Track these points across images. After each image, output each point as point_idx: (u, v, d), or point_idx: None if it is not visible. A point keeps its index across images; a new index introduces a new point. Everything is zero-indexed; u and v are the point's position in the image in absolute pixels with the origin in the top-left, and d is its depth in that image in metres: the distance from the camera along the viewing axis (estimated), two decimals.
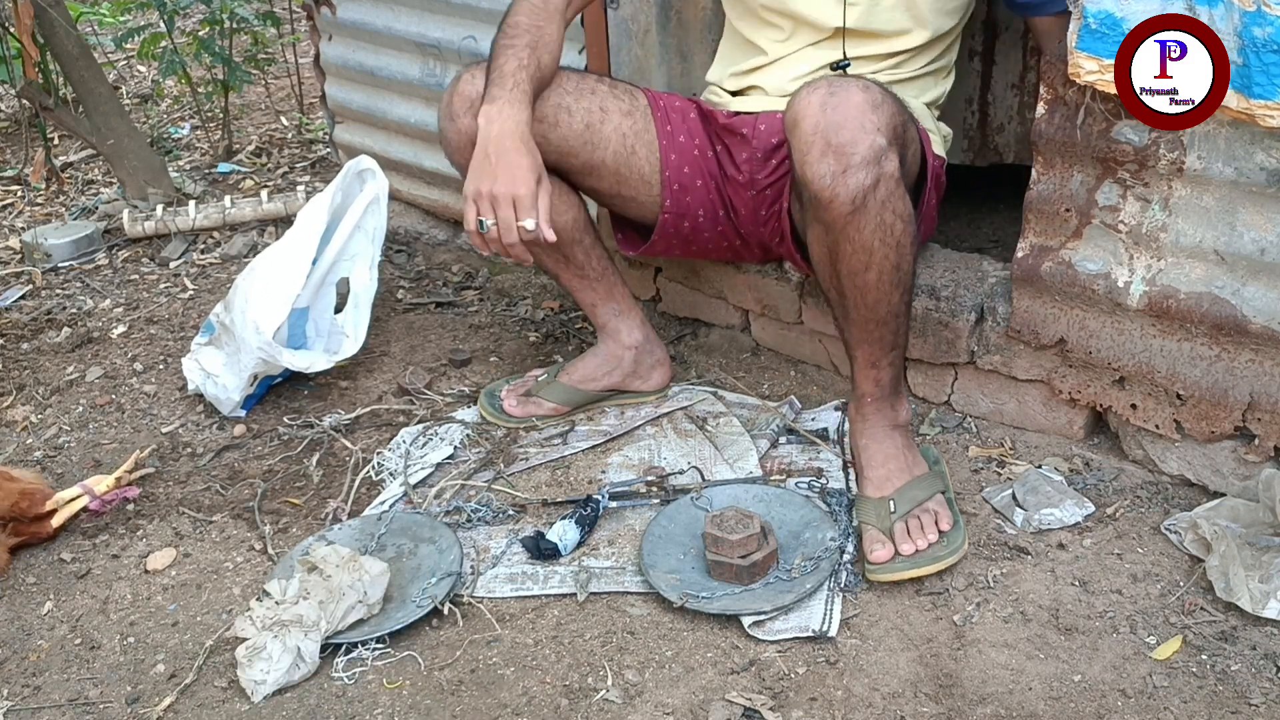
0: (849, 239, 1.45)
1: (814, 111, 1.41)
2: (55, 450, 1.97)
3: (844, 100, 1.41)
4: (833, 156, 1.40)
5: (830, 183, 1.41)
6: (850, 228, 1.44)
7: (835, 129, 1.40)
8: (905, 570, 1.48)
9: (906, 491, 1.55)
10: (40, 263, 2.68)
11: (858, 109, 1.41)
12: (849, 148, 1.40)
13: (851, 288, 1.50)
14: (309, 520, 1.73)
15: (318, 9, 2.57)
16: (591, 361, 1.92)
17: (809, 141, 1.42)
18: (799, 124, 1.43)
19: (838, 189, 1.41)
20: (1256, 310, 1.47)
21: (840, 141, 1.40)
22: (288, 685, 1.40)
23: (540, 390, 1.92)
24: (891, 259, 1.47)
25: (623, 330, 1.90)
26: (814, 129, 1.41)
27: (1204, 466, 1.60)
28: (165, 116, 3.73)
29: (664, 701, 1.34)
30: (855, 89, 1.42)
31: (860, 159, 1.40)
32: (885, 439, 1.59)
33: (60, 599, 1.61)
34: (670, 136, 1.75)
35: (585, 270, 1.86)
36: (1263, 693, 1.30)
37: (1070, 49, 1.43)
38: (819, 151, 1.41)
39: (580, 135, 1.71)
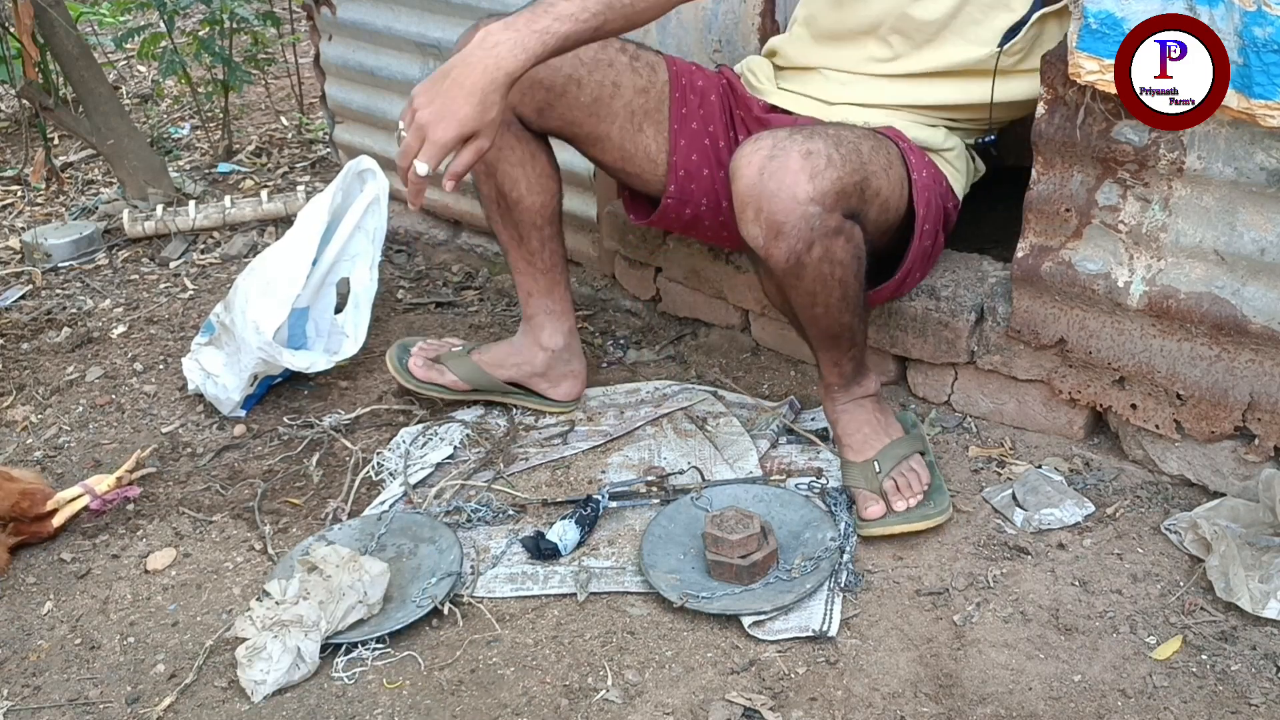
0: (791, 286, 1.50)
1: (750, 174, 1.42)
2: (55, 450, 1.97)
3: (780, 167, 1.41)
4: (764, 223, 1.42)
5: (763, 244, 1.44)
6: (790, 278, 1.49)
7: (769, 197, 1.41)
8: (897, 525, 1.56)
9: (889, 451, 1.63)
10: (40, 263, 2.68)
11: (792, 178, 1.40)
12: (779, 217, 1.41)
13: (803, 316, 1.57)
14: (309, 520, 1.73)
15: (318, 9, 2.57)
16: (505, 349, 1.91)
17: (743, 203, 1.44)
18: (735, 181, 1.44)
19: (771, 252, 1.45)
20: (1256, 310, 1.47)
21: (771, 210, 1.41)
22: (288, 685, 1.40)
23: (448, 360, 1.92)
24: (836, 294, 1.52)
25: (546, 329, 1.87)
26: (748, 191, 1.42)
27: (1204, 466, 1.60)
28: (165, 116, 3.73)
29: (664, 701, 1.34)
30: (795, 155, 1.41)
31: (792, 228, 1.42)
32: (857, 409, 1.66)
33: (60, 599, 1.61)
34: (683, 120, 1.71)
35: (535, 258, 1.83)
36: (1263, 693, 1.30)
37: (1070, 49, 1.43)
38: (751, 215, 1.43)
39: (586, 108, 1.68)
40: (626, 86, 1.69)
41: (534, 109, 1.68)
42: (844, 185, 1.44)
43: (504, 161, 1.72)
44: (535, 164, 1.74)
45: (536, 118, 1.69)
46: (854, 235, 1.49)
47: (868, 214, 1.53)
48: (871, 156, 1.52)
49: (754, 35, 1.88)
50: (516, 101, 1.65)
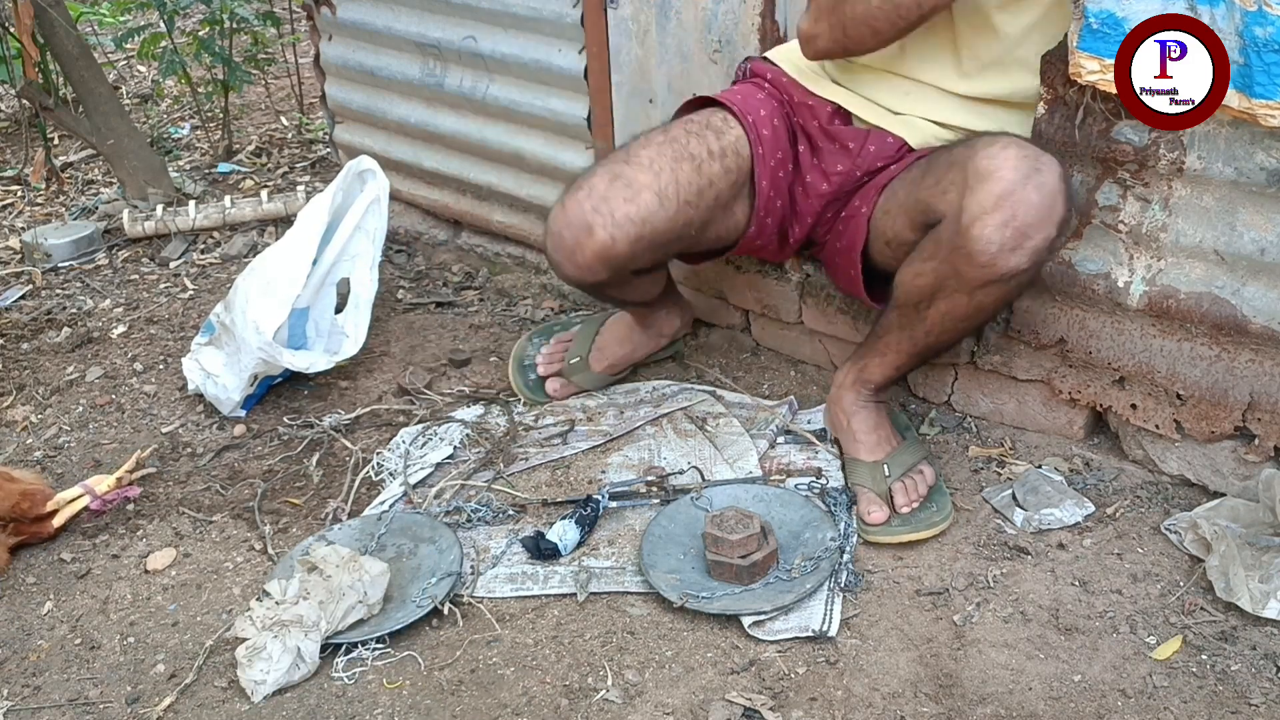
0: (971, 295, 1.47)
1: (1014, 178, 1.38)
2: (55, 450, 1.97)
3: (1046, 181, 1.38)
4: (1012, 232, 1.39)
5: (995, 252, 1.40)
6: (982, 291, 1.46)
7: (1028, 207, 1.38)
8: (905, 533, 1.56)
9: (898, 456, 1.64)
10: (40, 263, 2.68)
11: (1053, 195, 1.39)
12: (1031, 231, 1.39)
13: (938, 324, 1.54)
14: (309, 520, 1.73)
15: (318, 9, 2.57)
16: (628, 347, 1.96)
17: (995, 203, 1.38)
18: (991, 179, 1.39)
19: (999, 261, 1.41)
20: (1256, 310, 1.47)
21: (1027, 222, 1.38)
22: (288, 685, 1.40)
23: (575, 374, 1.95)
24: (985, 319, 1.54)
25: (665, 324, 1.95)
26: (1006, 194, 1.38)
27: (1204, 466, 1.60)
28: (165, 116, 3.73)
29: (664, 701, 1.34)
30: (1056, 173, 1.40)
31: (1033, 245, 1.40)
32: (875, 410, 1.68)
33: (60, 599, 1.61)
34: (763, 163, 1.66)
35: (652, 304, 1.91)
36: (1263, 693, 1.30)
37: (1071, 49, 1.43)
38: (1001, 220, 1.38)
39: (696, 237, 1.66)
40: (725, 192, 1.65)
41: (653, 264, 1.71)
42: (1070, 218, 1.46)
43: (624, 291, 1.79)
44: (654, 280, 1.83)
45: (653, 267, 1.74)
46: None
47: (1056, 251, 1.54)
48: None
49: (754, 35, 1.88)
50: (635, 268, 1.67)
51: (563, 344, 2.01)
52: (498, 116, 2.32)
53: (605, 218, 1.56)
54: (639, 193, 1.56)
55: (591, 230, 1.57)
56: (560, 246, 1.61)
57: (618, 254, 1.58)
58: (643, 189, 1.56)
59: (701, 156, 1.61)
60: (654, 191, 1.57)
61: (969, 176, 1.41)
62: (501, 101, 2.28)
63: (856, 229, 1.65)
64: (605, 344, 1.96)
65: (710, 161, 1.62)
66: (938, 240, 1.47)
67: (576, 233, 1.58)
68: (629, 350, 1.96)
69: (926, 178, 1.51)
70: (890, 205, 1.61)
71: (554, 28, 2.13)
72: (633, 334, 1.95)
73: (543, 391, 1.95)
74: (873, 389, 1.67)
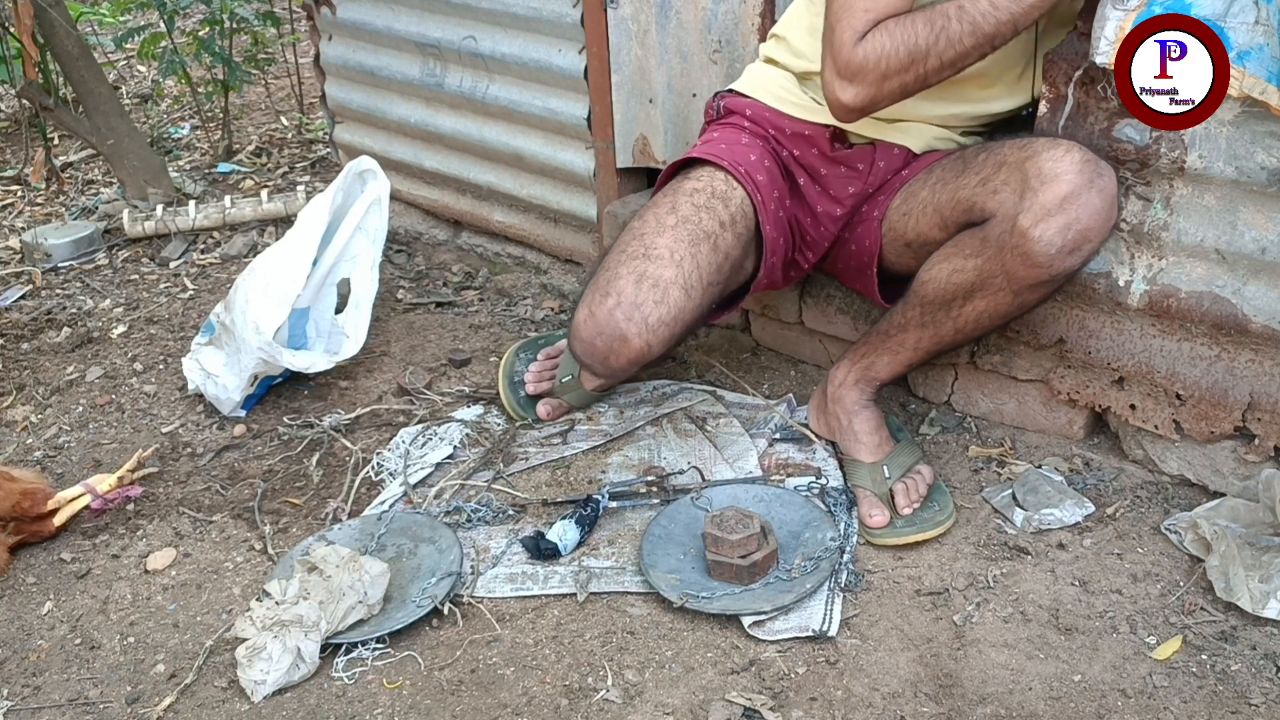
0: (1016, 294, 1.48)
1: (1080, 183, 1.39)
2: (55, 450, 1.97)
3: (1107, 187, 1.41)
4: (1075, 235, 1.40)
5: (1055, 254, 1.41)
6: (1029, 290, 1.48)
7: (1092, 212, 1.40)
8: (909, 534, 1.56)
9: (896, 456, 1.64)
10: (40, 263, 2.68)
11: (1113, 200, 1.42)
12: (1091, 235, 1.41)
13: (970, 322, 1.55)
14: (309, 520, 1.73)
15: (318, 9, 2.57)
16: None
17: (1058, 205, 1.39)
18: (1056, 181, 1.39)
19: (1056, 263, 1.42)
20: (1257, 310, 1.47)
21: (1088, 226, 1.40)
22: (288, 685, 1.40)
23: (564, 394, 1.91)
24: (1023, 313, 1.54)
25: None
26: (1071, 198, 1.39)
27: (1204, 466, 1.60)
28: (165, 116, 3.73)
29: (664, 701, 1.34)
30: (1114, 179, 1.43)
31: (1090, 249, 1.43)
32: (874, 411, 1.68)
33: (60, 599, 1.61)
34: (765, 210, 1.64)
35: None
36: (1263, 693, 1.30)
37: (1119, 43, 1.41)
38: (1064, 222, 1.40)
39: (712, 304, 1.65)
40: (738, 257, 1.64)
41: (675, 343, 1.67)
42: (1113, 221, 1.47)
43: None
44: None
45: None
46: None
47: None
48: None
49: (754, 35, 1.88)
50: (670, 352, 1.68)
51: (551, 359, 1.97)
52: (498, 116, 2.32)
53: (639, 325, 1.54)
54: (667, 292, 1.54)
55: (627, 340, 1.55)
56: (593, 354, 1.59)
57: (653, 356, 1.58)
58: (670, 286, 1.54)
59: (715, 231, 1.60)
60: (681, 287, 1.55)
61: (1030, 178, 1.41)
62: (501, 101, 2.28)
63: (871, 236, 1.66)
64: None
65: (723, 234, 1.60)
66: (984, 239, 1.47)
67: (610, 342, 1.56)
68: None
69: (965, 177, 1.51)
70: (911, 207, 1.60)
71: (554, 28, 2.13)
72: None
73: (534, 410, 1.91)
74: (877, 387, 1.67)
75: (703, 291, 1.58)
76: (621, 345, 1.55)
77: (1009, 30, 1.40)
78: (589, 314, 1.57)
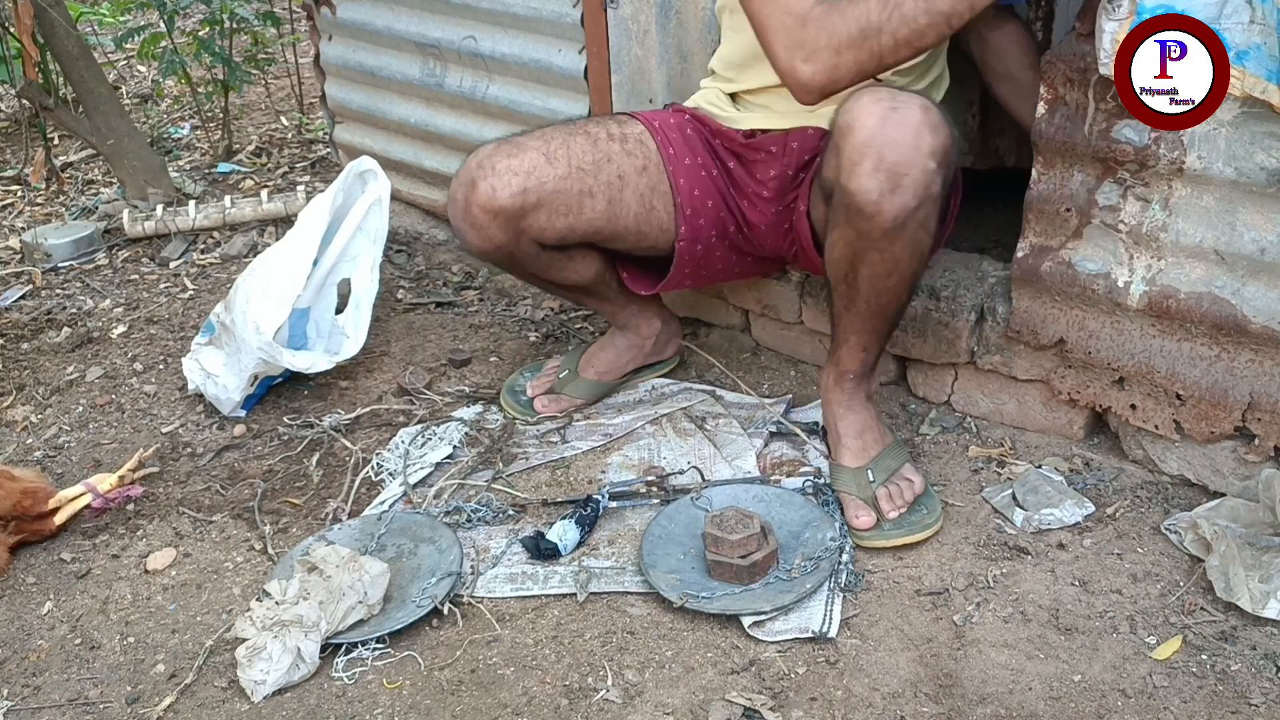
0: (880, 250, 1.46)
1: (872, 124, 1.39)
2: (55, 450, 1.97)
3: (905, 118, 1.38)
4: (885, 174, 1.39)
5: (876, 198, 1.40)
6: (885, 241, 1.45)
7: (893, 146, 1.38)
8: (897, 537, 1.55)
9: (881, 460, 1.62)
10: (40, 263, 2.68)
11: (915, 130, 1.38)
12: (902, 167, 1.39)
13: (869, 289, 1.52)
14: (309, 520, 1.73)
15: (318, 9, 2.57)
16: (611, 353, 1.95)
17: (861, 152, 1.39)
18: (853, 131, 1.40)
19: (883, 206, 1.40)
20: (1256, 310, 1.47)
21: (895, 160, 1.38)
22: (288, 685, 1.40)
23: (564, 387, 1.94)
24: (914, 268, 1.50)
25: (643, 324, 1.94)
26: (869, 141, 1.39)
27: (1204, 466, 1.60)
28: (165, 116, 3.73)
29: (664, 701, 1.34)
30: (917, 108, 1.39)
31: (911, 180, 1.39)
32: (862, 410, 1.66)
33: (60, 599, 1.61)
34: (676, 161, 1.71)
35: (606, 295, 1.89)
36: (1263, 693, 1.30)
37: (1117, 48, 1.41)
38: (870, 165, 1.39)
39: (603, 213, 1.68)
40: (629, 173, 1.69)
41: (557, 238, 1.69)
42: (947, 145, 1.43)
43: (547, 270, 1.78)
44: (573, 258, 1.78)
45: (560, 243, 1.72)
46: (941, 207, 1.48)
47: (947, 180, 1.50)
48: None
49: None
50: (538, 236, 1.67)
51: (553, 368, 2.00)
52: (498, 116, 2.32)
53: (487, 171, 1.63)
54: (524, 151, 1.64)
55: (475, 184, 1.63)
56: (454, 211, 1.68)
57: (502, 206, 1.62)
58: (528, 149, 1.64)
59: (598, 135, 1.68)
60: (541, 152, 1.64)
61: (835, 136, 1.44)
62: (501, 101, 2.28)
63: (802, 228, 1.68)
64: (591, 354, 1.96)
65: (608, 141, 1.68)
66: (835, 207, 1.49)
67: (464, 190, 1.65)
68: (612, 355, 1.94)
69: (825, 154, 1.53)
70: (813, 195, 1.64)
71: (554, 28, 2.13)
72: (614, 339, 1.95)
73: (533, 410, 1.93)
74: (853, 379, 1.64)
75: (569, 170, 1.64)
76: (470, 191, 1.63)
77: (965, 9, 1.39)
78: (454, 175, 1.68)
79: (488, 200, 1.62)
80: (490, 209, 1.63)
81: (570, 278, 1.82)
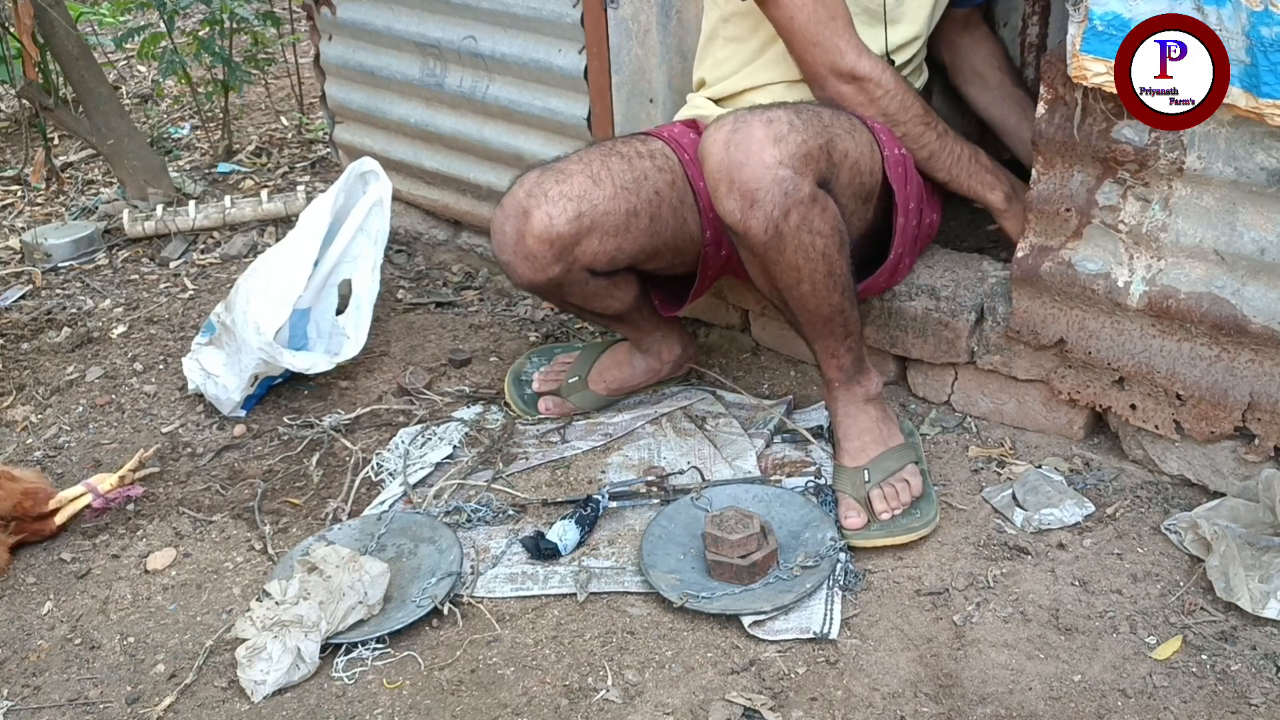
0: (773, 262, 1.51)
1: (718, 150, 1.45)
2: (55, 450, 1.97)
3: (745, 137, 1.44)
4: (737, 194, 1.45)
5: (740, 217, 1.46)
6: (771, 252, 1.49)
7: (737, 167, 1.44)
8: (880, 538, 1.56)
9: (880, 462, 1.63)
10: (40, 263, 2.68)
11: (758, 145, 1.43)
12: (751, 184, 1.44)
13: (791, 298, 1.56)
14: (309, 520, 1.73)
15: (318, 9, 2.57)
16: (627, 372, 1.93)
17: (715, 179, 1.46)
18: (705, 161, 1.47)
19: (748, 223, 1.46)
20: (1256, 310, 1.47)
21: (742, 179, 1.44)
22: (288, 685, 1.40)
23: (572, 394, 1.92)
24: (821, 269, 1.51)
25: (664, 349, 1.92)
26: (719, 167, 1.45)
27: (1204, 466, 1.60)
28: (165, 116, 3.73)
29: (664, 701, 1.34)
30: (757, 124, 1.44)
31: (765, 194, 1.44)
32: (859, 413, 1.66)
33: (60, 599, 1.61)
34: (695, 168, 1.68)
35: (638, 322, 1.87)
36: (1263, 693, 1.30)
37: (1074, 51, 1.43)
38: (725, 189, 1.46)
39: (647, 230, 1.67)
40: (664, 188, 1.68)
41: (608, 262, 1.67)
42: (809, 147, 1.46)
43: (590, 300, 1.75)
44: (616, 285, 1.76)
45: (609, 268, 1.70)
46: (829, 205, 1.50)
47: (839, 179, 1.54)
48: (833, 120, 1.55)
49: None
50: (590, 262, 1.65)
51: (563, 364, 1.99)
52: (498, 116, 2.32)
53: (539, 199, 1.59)
54: (571, 176, 1.62)
55: (529, 214, 1.59)
56: (504, 243, 1.63)
57: (559, 234, 1.59)
58: (574, 174, 1.62)
59: (629, 154, 1.68)
60: (586, 175, 1.62)
61: (700, 167, 1.50)
62: (501, 101, 2.28)
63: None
64: (605, 367, 1.94)
65: (639, 159, 1.68)
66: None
67: (515, 221, 1.61)
68: (628, 374, 1.93)
69: None
70: None
71: (554, 28, 2.13)
72: (632, 358, 1.93)
73: (535, 409, 1.92)
74: (839, 386, 1.65)
75: (615, 190, 1.63)
76: (525, 222, 1.59)
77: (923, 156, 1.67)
78: (499, 208, 1.64)
79: (544, 229, 1.58)
80: (547, 238, 1.59)
81: (613, 306, 1.80)
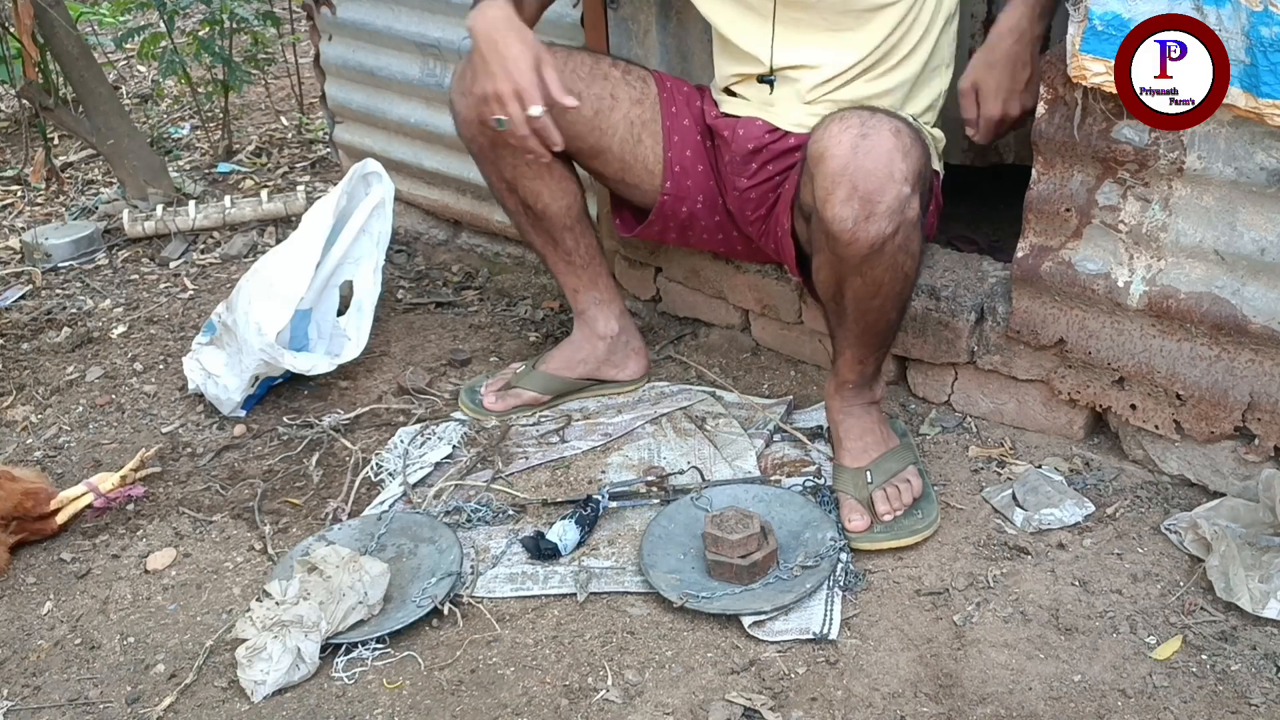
0: (861, 275, 1.46)
1: (843, 151, 1.38)
2: (55, 450, 1.97)
3: (876, 145, 1.37)
4: (858, 202, 1.38)
5: (851, 227, 1.39)
6: (865, 266, 1.45)
7: (864, 175, 1.37)
8: (885, 540, 1.55)
9: (882, 463, 1.62)
10: (40, 263, 2.68)
11: (887, 155, 1.37)
12: (876, 195, 1.38)
13: (855, 310, 1.53)
14: (309, 520, 1.73)
15: (318, 9, 2.57)
16: (567, 349, 1.95)
17: (834, 181, 1.39)
18: (825, 160, 1.39)
19: (859, 234, 1.40)
20: (1256, 310, 1.47)
21: (868, 189, 1.37)
22: (288, 685, 1.40)
23: (519, 381, 1.95)
24: (899, 289, 1.50)
25: (600, 320, 1.93)
26: (841, 170, 1.38)
27: (1204, 466, 1.60)
28: (165, 116, 3.73)
29: (664, 701, 1.34)
30: (887, 132, 1.38)
31: (885, 208, 1.38)
32: (863, 414, 1.65)
33: (60, 599, 1.61)
34: (675, 118, 1.76)
35: (572, 256, 1.88)
36: (1263, 693, 1.30)
37: (1074, 51, 1.43)
38: (844, 194, 1.38)
39: (588, 121, 1.72)
40: (623, 98, 1.75)
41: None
42: (920, 166, 1.42)
43: (521, 178, 1.77)
44: (552, 173, 1.78)
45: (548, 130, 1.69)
46: (921, 227, 1.47)
47: (924, 200, 1.49)
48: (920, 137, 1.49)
49: None
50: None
51: (513, 368, 2.01)
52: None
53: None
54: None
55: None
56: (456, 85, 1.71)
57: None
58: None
59: (601, 59, 1.75)
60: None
61: (810, 164, 1.44)
62: None
63: (786, 246, 1.67)
64: (550, 352, 1.98)
65: (610, 66, 1.75)
66: (814, 232, 1.49)
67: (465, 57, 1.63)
68: (569, 351, 1.94)
69: (802, 177, 1.54)
70: (795, 216, 1.63)
71: (554, 28, 2.12)
72: (572, 336, 1.95)
73: (484, 408, 1.93)
74: (851, 388, 1.64)
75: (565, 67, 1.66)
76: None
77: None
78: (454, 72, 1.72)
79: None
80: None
81: (543, 198, 1.79)
